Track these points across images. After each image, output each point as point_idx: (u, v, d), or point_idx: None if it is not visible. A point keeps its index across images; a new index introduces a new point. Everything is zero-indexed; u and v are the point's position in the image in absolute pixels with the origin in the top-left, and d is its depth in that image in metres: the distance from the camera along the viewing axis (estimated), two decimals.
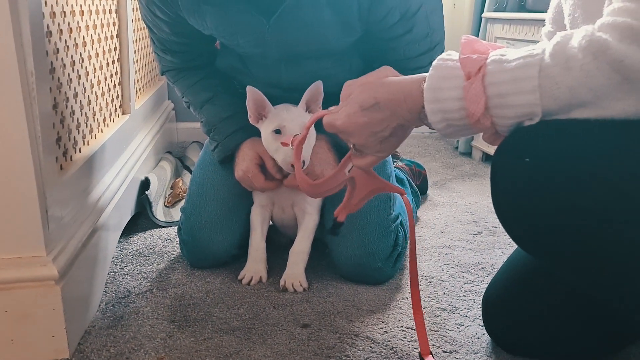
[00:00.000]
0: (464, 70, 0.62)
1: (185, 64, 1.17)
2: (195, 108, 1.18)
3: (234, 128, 1.12)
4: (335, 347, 0.89)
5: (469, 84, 0.62)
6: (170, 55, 1.15)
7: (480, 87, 0.61)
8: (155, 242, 1.29)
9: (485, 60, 0.62)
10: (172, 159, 1.79)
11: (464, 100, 0.62)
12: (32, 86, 0.75)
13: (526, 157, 0.62)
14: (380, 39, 1.03)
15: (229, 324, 0.94)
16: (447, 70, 0.64)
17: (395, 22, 0.98)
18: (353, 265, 1.10)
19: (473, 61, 0.62)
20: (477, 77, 0.61)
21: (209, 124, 1.15)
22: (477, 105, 0.61)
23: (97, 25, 1.15)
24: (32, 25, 0.74)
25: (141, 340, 0.89)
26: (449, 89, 0.63)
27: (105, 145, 1.13)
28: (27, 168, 0.76)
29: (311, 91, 1.04)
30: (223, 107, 1.14)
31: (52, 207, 0.81)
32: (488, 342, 0.92)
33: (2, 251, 0.79)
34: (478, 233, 1.41)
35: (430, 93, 0.65)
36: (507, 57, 0.61)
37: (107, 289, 1.05)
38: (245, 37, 1.03)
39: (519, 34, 1.92)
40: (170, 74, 1.19)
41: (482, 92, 0.61)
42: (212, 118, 1.14)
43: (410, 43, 1.02)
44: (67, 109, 0.94)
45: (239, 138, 1.11)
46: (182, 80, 1.18)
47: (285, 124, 1.02)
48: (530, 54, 0.60)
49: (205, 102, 1.15)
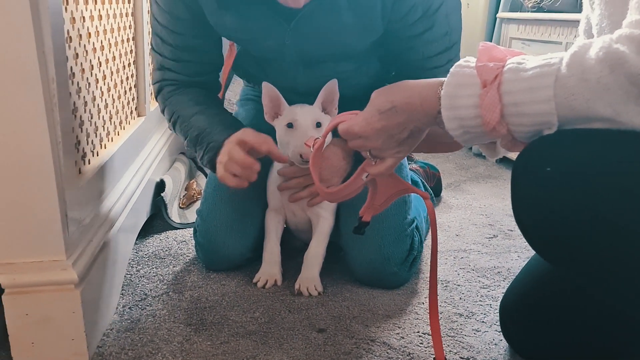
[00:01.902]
0: (481, 78, 0.63)
1: (189, 78, 1.11)
2: (183, 121, 1.09)
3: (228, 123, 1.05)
4: (351, 353, 0.89)
5: (484, 92, 0.62)
6: (180, 65, 1.09)
7: (495, 95, 0.61)
8: (171, 244, 1.29)
9: (502, 68, 0.62)
10: (186, 160, 1.80)
11: (479, 108, 0.63)
12: (53, 92, 0.75)
13: (548, 167, 0.62)
14: (400, 37, 1.02)
15: (245, 328, 0.95)
16: (464, 77, 0.65)
17: (416, 20, 0.98)
18: (368, 269, 1.10)
19: (489, 69, 0.63)
20: (492, 85, 0.62)
21: (198, 128, 1.06)
22: (493, 113, 0.62)
23: (114, 29, 1.16)
24: (53, 31, 0.74)
25: (158, 343, 0.90)
26: (465, 96, 0.64)
27: (122, 147, 1.14)
28: (48, 173, 0.76)
29: (326, 90, 1.05)
30: (215, 113, 1.09)
31: (71, 211, 0.82)
32: (506, 348, 0.92)
33: (23, 255, 0.79)
34: (493, 236, 1.40)
35: (447, 100, 0.65)
36: (524, 65, 0.61)
37: (124, 292, 1.06)
38: (265, 41, 1.03)
39: (534, 34, 1.91)
40: (167, 90, 1.12)
41: (497, 101, 0.61)
42: (202, 123, 1.06)
43: (429, 42, 1.01)
44: (86, 113, 0.95)
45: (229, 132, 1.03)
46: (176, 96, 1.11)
47: (298, 117, 1.03)
48: (548, 62, 0.60)
49: (195, 113, 1.08)
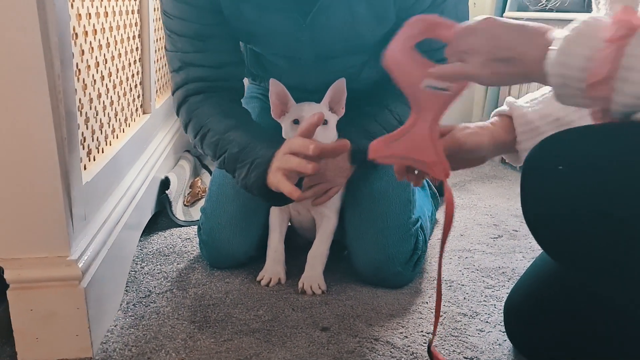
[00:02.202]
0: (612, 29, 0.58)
1: (217, 71, 1.05)
2: (214, 136, 1.02)
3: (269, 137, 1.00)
4: (355, 352, 0.88)
5: (606, 47, 0.57)
6: (205, 56, 1.03)
7: (615, 52, 0.57)
8: (175, 241, 1.29)
9: (637, 29, 0.57)
10: (191, 157, 1.80)
11: (591, 61, 0.58)
12: (59, 88, 0.75)
13: (559, 165, 0.61)
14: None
15: (249, 326, 0.95)
16: (592, 29, 0.60)
17: (425, 9, 0.98)
18: (372, 268, 1.09)
19: (623, 25, 0.57)
20: (618, 43, 0.57)
21: (238, 145, 0.99)
22: (602, 68, 0.57)
23: (120, 26, 1.16)
24: (59, 28, 0.75)
25: (162, 340, 0.90)
26: (583, 46, 0.59)
27: (127, 145, 1.14)
28: (53, 169, 0.77)
29: (334, 89, 1.05)
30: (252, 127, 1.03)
31: (76, 207, 0.82)
32: (510, 349, 0.91)
33: (28, 251, 0.80)
34: (498, 237, 1.39)
35: (563, 42, 0.60)
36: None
37: (129, 288, 1.06)
38: (281, 36, 1.01)
39: None
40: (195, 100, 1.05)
41: (614, 58, 0.56)
42: (242, 139, 0.99)
43: None
44: (91, 110, 0.95)
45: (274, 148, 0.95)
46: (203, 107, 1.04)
47: (304, 114, 1.02)
48: None
49: (231, 128, 1.01)
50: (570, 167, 0.60)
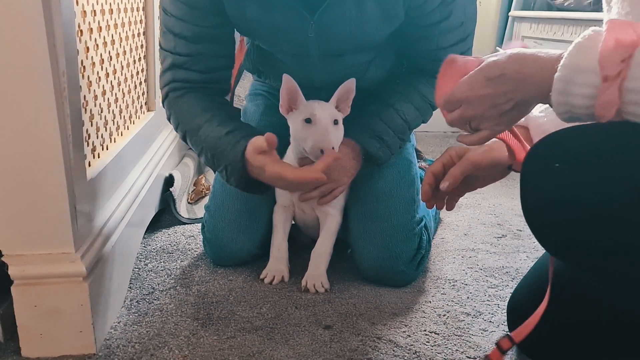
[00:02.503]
0: (602, 72, 0.58)
1: (202, 75, 1.06)
2: (191, 135, 1.05)
3: (236, 139, 0.99)
4: (357, 350, 0.88)
5: (604, 88, 0.57)
6: (194, 60, 1.04)
7: (616, 93, 0.57)
8: (179, 238, 1.30)
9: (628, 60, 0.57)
10: (195, 155, 1.80)
11: (595, 102, 0.58)
12: (63, 85, 0.75)
13: (556, 163, 0.61)
14: (416, 25, 1.02)
15: (252, 323, 0.95)
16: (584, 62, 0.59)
17: (434, 8, 0.98)
18: (376, 267, 1.09)
19: (614, 64, 0.57)
20: (615, 82, 0.57)
21: (209, 148, 1.02)
22: (609, 110, 0.58)
23: (125, 23, 1.16)
24: (64, 25, 0.75)
25: (165, 337, 0.90)
26: (581, 85, 0.59)
27: (131, 142, 1.14)
28: (57, 166, 0.77)
29: (344, 88, 1.04)
30: (222, 124, 1.02)
31: (80, 204, 0.82)
32: (512, 348, 0.91)
33: (32, 247, 0.80)
34: (502, 236, 1.39)
35: (561, 84, 0.60)
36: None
37: (132, 285, 1.06)
38: (288, 34, 1.01)
39: (547, 33, 1.89)
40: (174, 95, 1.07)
41: (617, 99, 0.57)
42: (211, 140, 1.01)
43: (444, 32, 1.01)
44: (96, 107, 0.95)
45: (243, 145, 0.98)
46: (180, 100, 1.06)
47: (317, 112, 1.01)
48: None
49: (202, 125, 1.03)
50: (566, 165, 0.60)
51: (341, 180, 1.07)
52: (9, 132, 0.74)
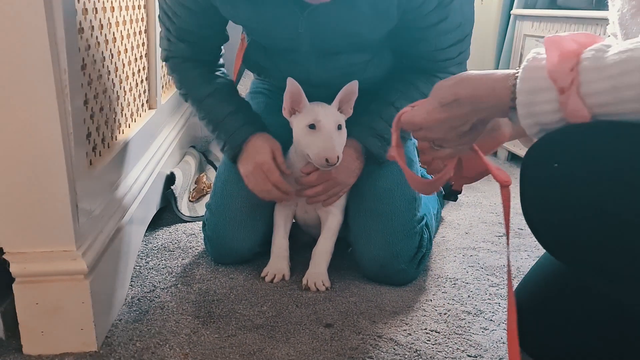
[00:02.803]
0: (556, 85, 0.59)
1: (194, 56, 1.14)
2: (194, 102, 1.15)
3: (240, 123, 1.09)
4: (358, 348, 0.89)
5: (564, 99, 0.58)
6: (183, 44, 1.12)
7: (578, 101, 0.58)
8: (180, 236, 1.30)
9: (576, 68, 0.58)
10: (196, 153, 1.81)
11: (563, 114, 0.60)
12: (65, 83, 0.76)
13: (555, 163, 0.61)
14: (413, 28, 1.02)
15: (253, 322, 0.95)
16: (538, 82, 0.61)
17: (431, 10, 0.97)
18: (376, 266, 1.09)
19: (563, 75, 0.58)
20: (571, 90, 0.58)
21: (212, 121, 1.12)
22: (581, 118, 0.58)
23: (127, 21, 1.16)
24: (65, 22, 0.75)
25: (166, 335, 0.90)
26: (543, 102, 0.61)
27: (133, 140, 1.14)
28: (59, 164, 0.77)
29: (346, 91, 1.04)
30: (226, 102, 1.12)
31: (82, 202, 0.83)
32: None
33: (34, 245, 0.80)
34: (503, 235, 1.39)
35: (524, 108, 0.62)
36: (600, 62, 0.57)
37: (133, 283, 1.06)
38: (279, 29, 1.02)
39: (549, 31, 1.88)
40: (173, 61, 1.16)
41: (582, 106, 0.58)
42: (215, 114, 1.11)
43: (442, 33, 1.01)
44: (97, 105, 0.95)
45: (246, 132, 1.09)
46: (182, 71, 1.15)
47: (321, 118, 1.01)
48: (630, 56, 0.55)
49: (206, 97, 1.12)
50: (565, 165, 0.61)
51: (347, 182, 1.08)
52: (11, 129, 0.75)
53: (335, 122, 1.02)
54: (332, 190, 1.08)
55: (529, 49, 1.99)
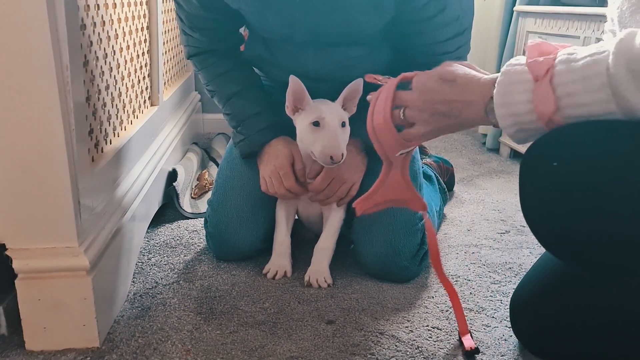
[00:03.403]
0: (532, 73, 0.63)
1: (212, 45, 1.15)
2: (220, 99, 1.16)
3: (264, 125, 1.11)
4: (360, 345, 0.89)
5: (537, 86, 0.62)
6: (197, 33, 1.12)
7: (548, 88, 0.61)
8: (182, 233, 1.30)
9: (552, 61, 0.62)
10: (199, 150, 1.81)
11: (533, 103, 0.63)
12: (67, 79, 0.76)
13: (554, 162, 0.62)
14: (410, 21, 1.01)
15: (255, 318, 0.95)
16: (516, 75, 0.65)
17: (428, 2, 0.96)
18: (378, 262, 1.09)
19: (540, 64, 0.63)
20: (545, 78, 0.62)
21: (236, 119, 1.14)
22: (547, 105, 0.62)
23: (129, 18, 1.16)
24: (67, 19, 0.75)
25: (168, 331, 0.90)
26: (518, 92, 0.64)
27: (135, 137, 1.14)
28: (61, 160, 0.77)
29: (351, 89, 1.05)
30: (252, 102, 1.13)
31: (84, 198, 0.83)
32: (515, 344, 0.91)
33: (36, 241, 0.80)
34: (505, 232, 1.39)
35: (500, 98, 0.65)
36: (574, 55, 0.61)
37: (135, 280, 1.07)
38: (274, 13, 1.01)
39: (552, 28, 1.88)
40: (198, 59, 1.17)
41: (551, 93, 0.61)
42: (240, 113, 1.13)
43: (440, 26, 1.00)
44: (99, 101, 0.95)
45: (269, 135, 1.11)
46: (210, 67, 1.16)
47: (325, 115, 1.01)
48: (598, 51, 0.59)
49: (233, 95, 1.14)
50: (564, 164, 0.61)
51: (353, 178, 1.09)
52: (13, 126, 0.75)
53: (339, 120, 1.02)
54: (340, 189, 1.08)
55: None
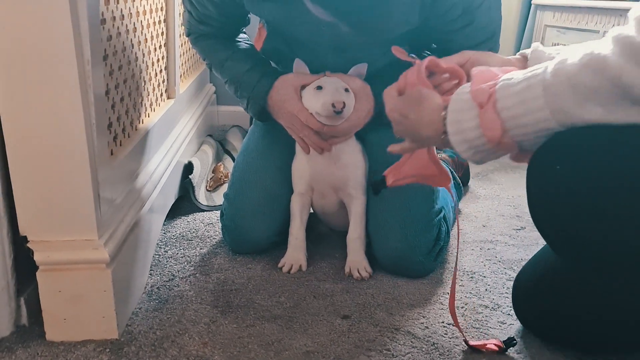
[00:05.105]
0: (476, 101, 0.69)
1: (215, 32, 1.18)
2: (216, 69, 1.18)
3: (258, 76, 1.11)
4: (375, 340, 0.89)
5: (482, 113, 0.68)
6: (204, 26, 1.15)
7: (493, 113, 0.67)
8: (198, 225, 1.31)
9: (494, 87, 0.68)
10: (214, 142, 1.81)
11: (480, 128, 0.69)
12: (88, 74, 0.76)
13: (557, 165, 0.66)
14: (439, 31, 1.02)
15: (271, 312, 0.96)
16: (462, 103, 0.71)
17: (457, 17, 0.97)
18: (394, 257, 1.09)
19: (482, 91, 0.69)
20: (488, 105, 0.68)
21: (233, 81, 1.15)
22: (494, 130, 0.67)
23: (147, 11, 1.16)
24: (89, 13, 0.75)
25: (185, 324, 0.91)
26: (467, 120, 0.70)
27: (152, 129, 1.15)
28: (82, 154, 0.78)
29: (355, 71, 1.09)
30: (243, 60, 1.14)
31: (104, 192, 0.83)
32: (531, 341, 0.91)
33: (57, 233, 0.81)
34: (521, 228, 1.38)
35: (452, 126, 0.72)
36: (513, 80, 0.67)
37: (153, 272, 1.08)
38: (301, 26, 1.04)
39: (571, 22, 1.85)
40: (193, 36, 1.19)
41: (496, 118, 0.67)
42: (234, 74, 1.14)
43: (468, 35, 1.01)
44: (118, 95, 0.96)
45: (267, 83, 1.10)
46: (202, 41, 1.18)
47: (326, 80, 1.06)
48: (534, 74, 0.65)
49: (225, 60, 1.15)
50: (567, 167, 0.66)
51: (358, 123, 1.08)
52: (35, 120, 0.75)
53: (340, 87, 1.05)
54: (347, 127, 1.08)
55: (549, 39, 1.96)
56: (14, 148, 0.77)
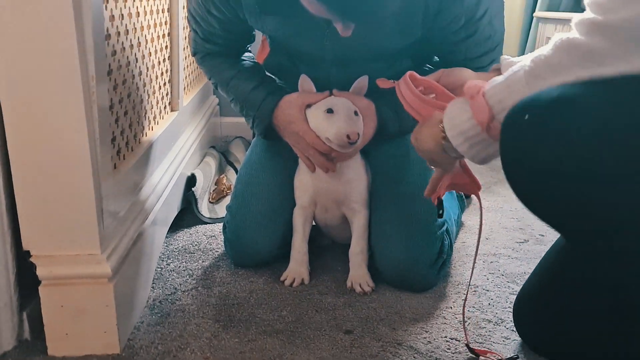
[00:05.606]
0: (467, 95, 0.76)
1: (221, 51, 1.18)
2: (222, 88, 1.19)
3: (263, 95, 1.11)
4: (378, 356, 0.88)
5: (473, 103, 0.75)
6: (209, 45, 1.16)
7: (482, 100, 0.74)
8: (200, 238, 1.31)
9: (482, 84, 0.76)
10: (216, 154, 1.81)
11: (473, 115, 0.75)
12: (92, 89, 0.77)
13: (525, 114, 0.69)
14: (442, 42, 1.03)
15: (273, 326, 0.95)
16: (457, 104, 0.78)
17: (459, 28, 0.98)
18: (396, 270, 1.09)
19: (473, 87, 0.76)
20: (478, 95, 0.75)
21: (239, 100, 1.16)
22: (483, 114, 0.73)
23: (151, 26, 1.17)
24: (94, 29, 0.76)
25: (187, 338, 0.91)
26: (460, 113, 0.77)
27: (155, 142, 1.15)
28: (85, 168, 0.78)
29: (357, 85, 1.08)
30: (248, 79, 1.15)
31: (107, 206, 0.84)
32: (535, 356, 0.90)
33: (60, 248, 0.81)
34: (524, 241, 1.37)
35: (448, 124, 0.78)
36: (498, 78, 0.75)
37: (155, 285, 1.08)
38: (304, 40, 1.05)
39: None
40: (200, 55, 1.20)
41: (484, 104, 0.73)
42: (240, 93, 1.15)
43: (471, 46, 1.01)
44: (122, 109, 0.96)
45: (272, 101, 1.10)
46: (209, 60, 1.19)
47: (337, 102, 1.05)
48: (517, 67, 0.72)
49: (231, 79, 1.16)
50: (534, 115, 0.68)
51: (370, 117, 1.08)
52: (39, 135, 0.76)
53: (350, 109, 1.05)
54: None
55: None
56: (17, 162, 0.77)
